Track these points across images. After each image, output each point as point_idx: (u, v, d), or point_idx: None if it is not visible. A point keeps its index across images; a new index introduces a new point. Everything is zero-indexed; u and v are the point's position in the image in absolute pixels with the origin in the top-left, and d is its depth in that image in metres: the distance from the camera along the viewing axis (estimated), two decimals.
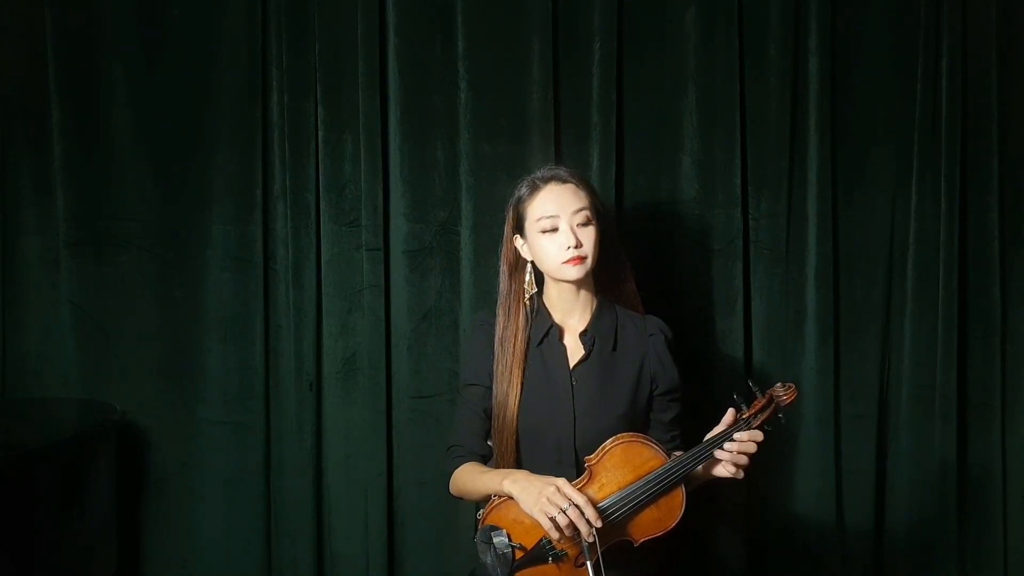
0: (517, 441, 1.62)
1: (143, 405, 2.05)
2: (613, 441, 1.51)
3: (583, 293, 1.67)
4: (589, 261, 1.60)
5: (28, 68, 2.02)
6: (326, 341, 2.06)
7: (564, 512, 1.40)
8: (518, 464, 1.63)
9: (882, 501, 2.15)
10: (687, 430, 1.69)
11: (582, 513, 1.41)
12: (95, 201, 2.03)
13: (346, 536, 2.07)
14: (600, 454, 1.51)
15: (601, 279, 1.70)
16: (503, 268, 1.71)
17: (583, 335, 1.66)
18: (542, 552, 1.50)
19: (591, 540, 1.41)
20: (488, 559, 1.50)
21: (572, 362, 1.65)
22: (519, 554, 1.49)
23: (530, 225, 1.63)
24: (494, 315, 1.70)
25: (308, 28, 2.02)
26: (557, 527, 1.40)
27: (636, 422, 1.63)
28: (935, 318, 2.11)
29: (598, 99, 2.03)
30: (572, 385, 1.63)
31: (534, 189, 1.63)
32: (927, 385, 2.13)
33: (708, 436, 1.52)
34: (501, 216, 1.75)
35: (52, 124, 2.00)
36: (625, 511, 1.48)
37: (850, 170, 2.12)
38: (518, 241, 1.68)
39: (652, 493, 1.49)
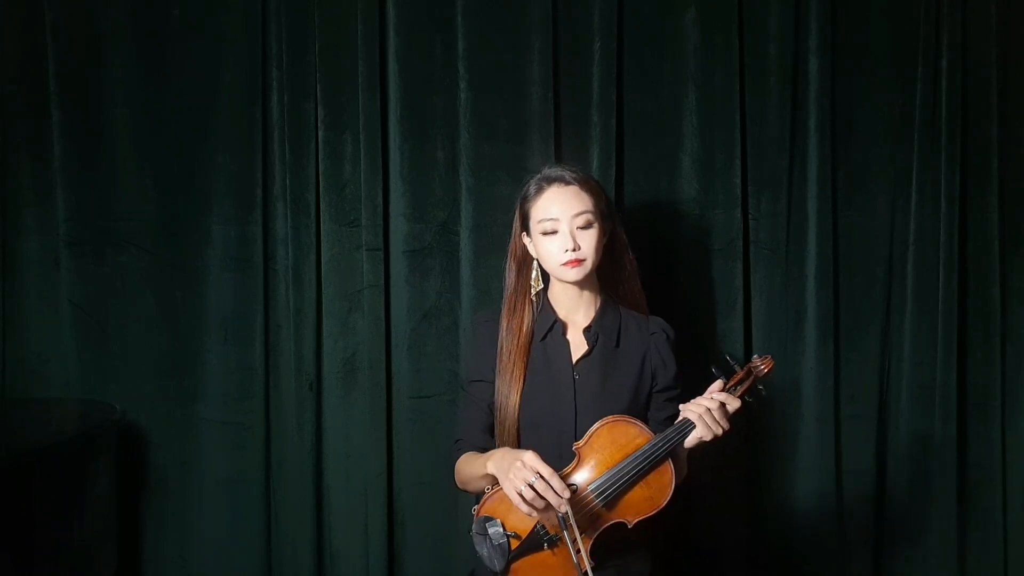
0: (518, 434, 1.63)
1: (143, 405, 2.05)
2: (599, 423, 1.53)
3: (586, 292, 1.68)
4: (588, 263, 1.61)
5: (28, 68, 2.02)
6: (326, 341, 2.06)
7: (531, 486, 1.40)
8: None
9: (882, 501, 2.15)
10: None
11: (549, 485, 1.40)
12: (95, 201, 2.03)
13: (346, 536, 2.07)
14: (587, 437, 1.53)
15: (605, 278, 1.71)
16: (511, 264, 1.72)
17: (587, 331, 1.67)
18: (537, 539, 1.50)
19: (563, 511, 1.41)
20: (484, 551, 1.50)
21: (575, 357, 1.66)
22: (515, 543, 1.50)
23: (533, 225, 1.64)
24: (496, 313, 1.71)
25: (308, 28, 2.02)
26: (527, 502, 1.40)
27: (637, 416, 1.63)
28: (935, 318, 2.11)
29: (598, 99, 2.03)
30: (574, 379, 1.64)
31: (539, 190, 1.64)
32: (927, 385, 2.13)
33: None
34: (500, 216, 1.76)
35: (52, 124, 2.00)
36: (615, 489, 1.49)
37: (850, 170, 2.12)
38: (525, 239, 1.69)
39: (640, 469, 1.49)
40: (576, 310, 1.69)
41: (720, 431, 1.50)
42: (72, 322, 2.03)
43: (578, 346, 1.66)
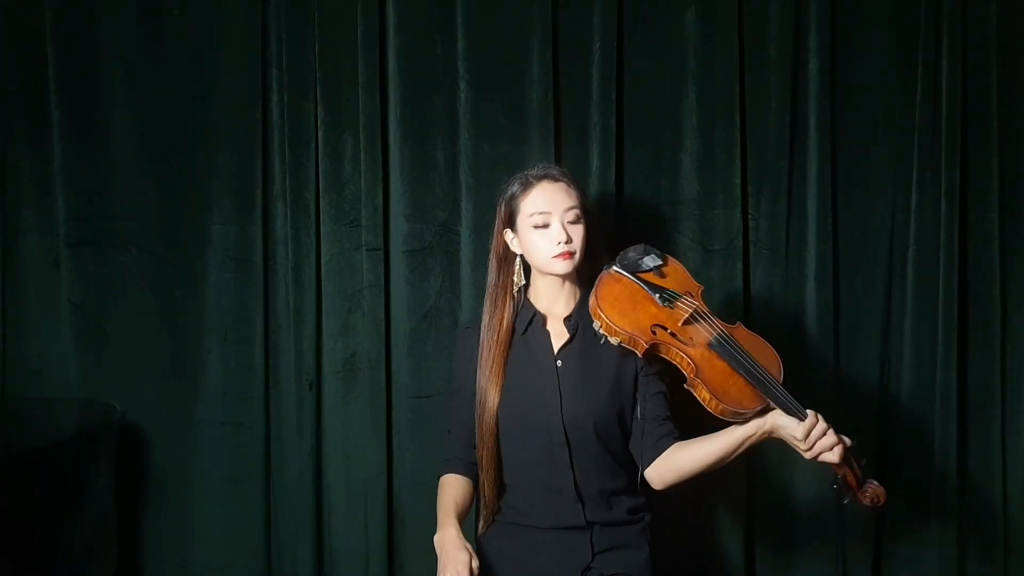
0: (497, 429, 1.67)
1: (143, 405, 2.05)
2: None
3: (568, 285, 1.73)
4: (577, 256, 1.66)
5: (28, 68, 2.03)
6: (326, 341, 2.06)
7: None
8: (498, 454, 1.68)
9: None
10: (687, 429, 1.69)
11: None
12: (95, 201, 2.03)
13: (346, 536, 2.07)
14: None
15: (584, 274, 1.73)
16: (492, 260, 1.75)
17: (567, 320, 1.72)
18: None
19: None
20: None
21: (556, 346, 1.70)
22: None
23: (522, 220, 1.67)
24: (477, 320, 1.75)
25: (308, 28, 2.02)
26: None
27: (623, 401, 1.67)
28: (935, 318, 2.11)
29: (598, 99, 2.03)
30: (557, 367, 1.67)
31: (527, 186, 1.68)
32: (927, 385, 2.12)
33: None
34: None
35: (52, 124, 2.01)
36: (729, 356, 1.54)
37: (850, 170, 2.12)
38: (508, 235, 1.72)
39: (752, 375, 1.52)
40: (556, 303, 1.73)
41: (807, 448, 1.49)
42: (72, 322, 2.04)
43: (559, 335, 1.70)
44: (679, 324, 1.57)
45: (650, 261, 1.65)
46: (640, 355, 1.57)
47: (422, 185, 2.04)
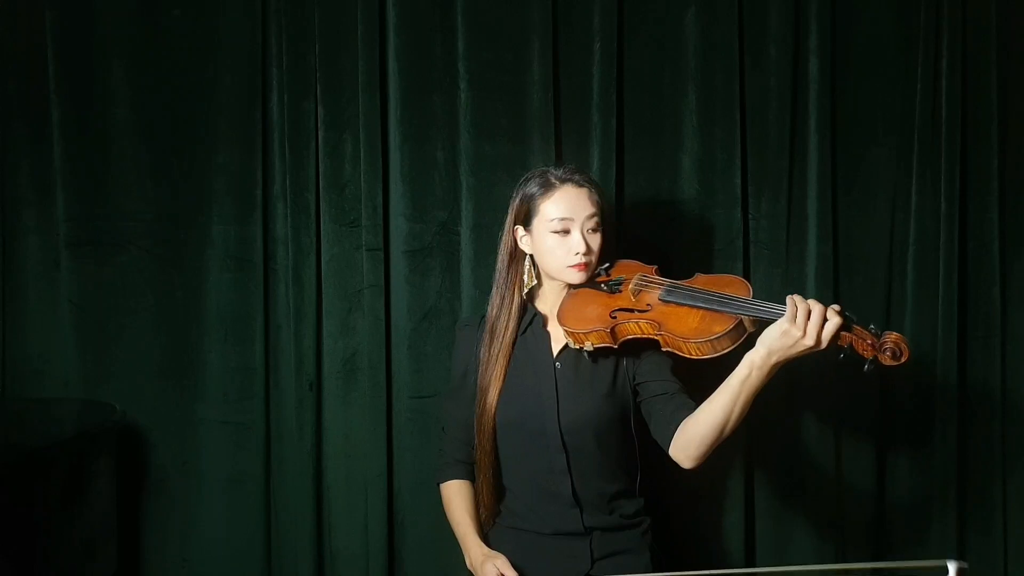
0: (494, 432, 1.66)
1: (143, 405, 2.05)
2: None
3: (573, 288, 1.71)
4: (593, 267, 1.65)
5: (28, 68, 2.03)
6: (326, 341, 2.06)
7: None
8: (495, 454, 1.68)
9: (882, 502, 2.15)
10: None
11: None
12: (95, 201, 2.03)
13: (346, 536, 2.07)
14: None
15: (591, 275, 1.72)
16: (502, 256, 1.74)
17: None
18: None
19: None
20: None
21: (555, 349, 1.68)
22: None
23: (540, 223, 1.65)
24: (475, 318, 1.76)
25: (308, 28, 2.02)
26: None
27: (622, 404, 1.65)
28: (935, 318, 2.11)
29: (598, 99, 2.03)
30: (555, 369, 1.66)
31: (549, 188, 1.65)
32: (927, 385, 2.13)
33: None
34: (501, 216, 1.77)
35: (52, 124, 2.01)
36: (680, 296, 1.56)
37: (850, 170, 2.12)
38: (519, 232, 1.70)
39: (709, 301, 1.52)
40: (559, 305, 1.70)
41: (801, 334, 1.38)
42: (72, 322, 2.04)
43: (559, 338, 1.68)
44: (632, 299, 1.62)
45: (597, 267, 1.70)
46: (615, 345, 1.59)
47: (422, 185, 2.04)
